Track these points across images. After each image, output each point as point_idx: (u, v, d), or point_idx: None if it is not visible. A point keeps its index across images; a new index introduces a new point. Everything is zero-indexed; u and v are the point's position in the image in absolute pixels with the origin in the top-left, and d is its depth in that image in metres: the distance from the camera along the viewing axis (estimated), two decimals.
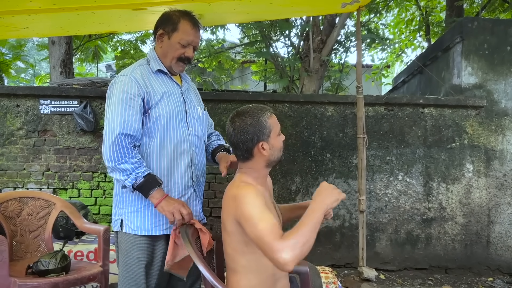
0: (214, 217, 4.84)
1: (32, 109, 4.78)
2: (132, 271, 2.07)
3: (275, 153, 1.83)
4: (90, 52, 8.51)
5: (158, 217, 2.09)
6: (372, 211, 4.87)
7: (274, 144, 1.81)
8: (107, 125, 2.02)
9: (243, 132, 1.79)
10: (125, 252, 2.11)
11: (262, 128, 1.78)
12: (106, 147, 1.98)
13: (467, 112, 4.95)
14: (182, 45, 2.15)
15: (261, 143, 1.78)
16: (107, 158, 1.97)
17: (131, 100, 2.03)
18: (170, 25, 2.16)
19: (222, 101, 4.89)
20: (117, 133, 1.96)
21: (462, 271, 4.90)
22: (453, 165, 4.93)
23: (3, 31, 3.37)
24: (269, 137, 1.79)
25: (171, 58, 2.17)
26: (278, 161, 1.88)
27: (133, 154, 1.99)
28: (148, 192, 1.97)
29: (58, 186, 4.80)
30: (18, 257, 2.88)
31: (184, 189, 2.17)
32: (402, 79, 7.31)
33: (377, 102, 4.93)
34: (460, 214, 4.91)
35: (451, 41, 5.22)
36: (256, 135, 1.77)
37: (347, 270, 4.79)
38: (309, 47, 5.99)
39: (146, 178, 1.96)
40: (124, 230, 2.10)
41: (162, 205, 1.97)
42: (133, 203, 2.10)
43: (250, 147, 1.79)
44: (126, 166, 1.95)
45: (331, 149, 4.90)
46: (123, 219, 2.12)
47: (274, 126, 1.82)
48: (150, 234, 2.08)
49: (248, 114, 1.82)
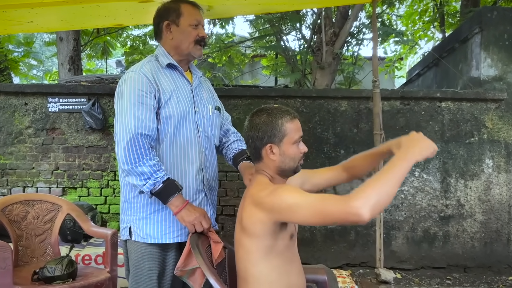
0: (225, 215, 4.75)
1: (40, 107, 4.71)
2: (143, 283, 1.96)
3: (286, 161, 1.68)
4: (99, 48, 8.42)
5: (169, 224, 1.98)
6: (388, 208, 4.73)
7: (287, 151, 1.67)
8: (120, 125, 1.88)
9: (254, 129, 1.69)
10: (135, 262, 1.99)
11: (274, 130, 1.65)
12: (121, 148, 1.84)
13: (487, 105, 4.77)
14: (193, 26, 2.05)
15: (270, 145, 1.66)
16: (122, 160, 1.84)
17: (143, 98, 1.90)
18: (172, 13, 2.06)
19: (233, 97, 4.78)
20: (133, 133, 1.83)
21: (481, 270, 4.75)
22: (471, 160, 4.76)
23: (7, 26, 3.29)
24: (281, 141, 1.66)
25: (188, 44, 2.06)
26: (292, 171, 1.73)
27: (151, 155, 1.85)
28: (167, 199, 1.85)
29: (67, 185, 4.74)
30: (24, 262, 2.79)
31: (195, 193, 2.05)
32: (417, 72, 7.13)
33: (392, 96, 4.78)
34: (479, 211, 4.75)
35: (469, 31, 5.04)
36: (266, 135, 1.66)
37: (362, 270, 4.66)
38: (321, 40, 5.84)
39: (166, 184, 1.83)
40: (134, 239, 1.99)
41: (182, 215, 1.86)
42: (141, 209, 1.99)
43: (258, 147, 1.68)
44: (144, 169, 1.82)
45: (345, 146, 4.76)
46: (131, 226, 2.01)
47: (291, 132, 1.67)
48: (160, 243, 1.97)
49: (266, 112, 1.70)
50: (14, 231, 2.79)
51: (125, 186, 2.04)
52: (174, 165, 2.01)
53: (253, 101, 4.79)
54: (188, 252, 1.81)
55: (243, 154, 2.21)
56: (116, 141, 1.89)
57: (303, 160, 1.75)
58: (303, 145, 1.73)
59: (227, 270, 1.95)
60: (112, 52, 9.22)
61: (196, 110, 2.09)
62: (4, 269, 2.23)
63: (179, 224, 1.97)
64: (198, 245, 1.73)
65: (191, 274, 1.83)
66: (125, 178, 1.91)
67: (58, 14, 3.25)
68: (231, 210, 4.74)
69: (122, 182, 2.05)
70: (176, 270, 1.83)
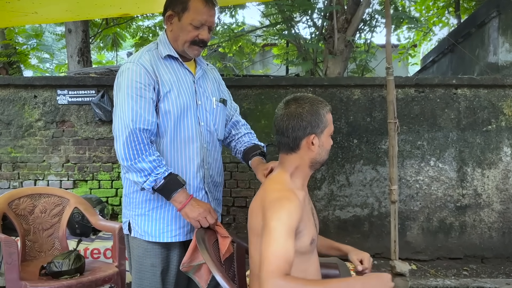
0: (236, 207, 4.69)
1: (49, 99, 4.69)
2: (146, 279, 1.89)
3: (322, 153, 1.64)
4: (109, 40, 8.36)
5: (167, 223, 1.90)
6: (403, 198, 4.63)
7: (325, 143, 1.63)
8: (118, 119, 1.80)
9: (297, 117, 1.58)
10: (137, 258, 1.92)
11: (319, 120, 1.59)
12: (120, 144, 1.76)
13: (505, 92, 4.62)
14: (194, 26, 1.89)
15: (313, 136, 1.58)
16: (121, 156, 1.76)
17: (141, 90, 1.80)
18: (179, 5, 1.89)
19: (243, 86, 4.70)
20: (131, 128, 1.75)
21: (499, 260, 4.64)
22: (489, 148, 4.63)
23: (12, 17, 3.24)
24: (322, 133, 1.60)
25: (183, 42, 1.91)
26: (322, 164, 1.69)
27: (151, 151, 1.77)
28: (170, 195, 1.77)
29: (78, 178, 4.72)
30: (32, 257, 2.76)
31: (195, 191, 1.95)
32: (432, 59, 6.97)
33: (406, 84, 4.65)
34: (497, 201, 4.63)
35: (486, 15, 4.88)
36: (310, 125, 1.58)
37: (376, 261, 4.58)
38: (333, 27, 5.70)
39: (167, 180, 1.75)
40: (133, 235, 1.93)
41: (186, 211, 1.78)
42: (140, 205, 1.91)
43: (299, 136, 1.59)
44: (143, 165, 1.74)
45: (358, 135, 4.66)
46: (130, 222, 1.94)
47: (330, 124, 1.64)
48: (157, 241, 1.89)
49: (307, 100, 1.61)
50: (21, 225, 2.76)
51: (125, 180, 1.97)
52: (174, 162, 1.91)
53: (264, 90, 4.70)
54: (194, 247, 1.74)
55: (256, 149, 2.10)
56: (115, 136, 1.81)
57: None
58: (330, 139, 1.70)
59: (235, 266, 1.88)
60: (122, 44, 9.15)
61: (198, 103, 1.98)
62: (10, 264, 2.20)
63: (178, 223, 1.90)
64: (204, 240, 1.66)
65: (197, 269, 1.76)
66: (125, 174, 1.84)
67: (63, 4, 3.18)
68: (243, 201, 4.68)
69: (124, 175, 1.98)
70: (182, 265, 1.77)
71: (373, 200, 4.65)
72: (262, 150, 2.10)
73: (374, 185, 4.65)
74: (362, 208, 4.66)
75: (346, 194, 4.66)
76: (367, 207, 4.66)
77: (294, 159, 1.63)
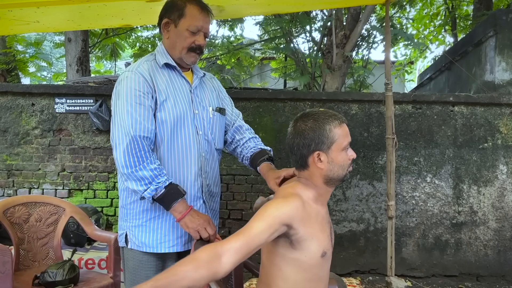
0: (232, 219, 4.66)
1: (47, 108, 4.67)
2: None
3: (334, 169, 1.58)
4: (108, 50, 8.37)
5: (165, 233, 1.89)
6: (399, 214, 4.63)
7: (335, 158, 1.58)
8: (117, 127, 1.80)
9: (300, 135, 1.58)
10: (132, 270, 1.91)
11: (322, 136, 1.55)
12: (120, 151, 1.76)
13: (501, 110, 4.65)
14: (191, 32, 1.93)
15: (318, 153, 1.56)
16: (122, 164, 1.76)
17: (141, 98, 1.82)
18: (175, 12, 1.94)
19: (241, 99, 4.70)
20: (132, 135, 1.75)
21: (494, 278, 4.62)
22: (485, 166, 4.64)
23: (13, 25, 3.25)
24: (329, 148, 1.56)
25: (181, 49, 1.95)
26: (340, 180, 1.63)
27: (152, 158, 1.77)
28: (170, 205, 1.77)
29: (73, 187, 4.69)
30: (25, 266, 2.72)
31: (192, 200, 1.95)
32: (429, 76, 7.01)
33: (404, 100, 4.67)
34: (492, 219, 4.63)
35: (483, 35, 4.93)
36: (314, 142, 1.55)
37: (371, 277, 4.56)
38: (331, 42, 5.75)
39: (168, 189, 1.75)
40: (130, 246, 1.91)
41: (185, 221, 1.77)
42: (138, 216, 1.91)
43: (304, 155, 1.58)
44: (144, 173, 1.73)
45: (355, 149, 4.59)
46: (127, 233, 1.93)
47: (339, 138, 1.58)
48: (154, 252, 1.88)
49: (312, 117, 1.59)
50: (15, 234, 2.73)
51: (122, 191, 1.96)
52: (172, 170, 1.91)
53: (262, 103, 4.71)
54: None
55: (263, 154, 2.08)
56: (114, 144, 1.81)
57: (352, 166, 1.66)
58: (351, 151, 1.64)
59: (233, 280, 1.87)
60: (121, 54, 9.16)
61: (195, 112, 1.99)
62: (3, 273, 2.16)
63: (175, 233, 1.89)
64: None
65: None
66: (125, 183, 1.83)
67: (65, 14, 3.20)
68: (238, 214, 4.66)
69: (121, 186, 1.97)
70: None
71: (369, 216, 4.64)
72: (270, 155, 2.09)
73: (370, 200, 4.64)
74: (358, 223, 4.65)
75: (342, 208, 4.65)
76: (363, 222, 4.65)
77: (307, 176, 1.62)
